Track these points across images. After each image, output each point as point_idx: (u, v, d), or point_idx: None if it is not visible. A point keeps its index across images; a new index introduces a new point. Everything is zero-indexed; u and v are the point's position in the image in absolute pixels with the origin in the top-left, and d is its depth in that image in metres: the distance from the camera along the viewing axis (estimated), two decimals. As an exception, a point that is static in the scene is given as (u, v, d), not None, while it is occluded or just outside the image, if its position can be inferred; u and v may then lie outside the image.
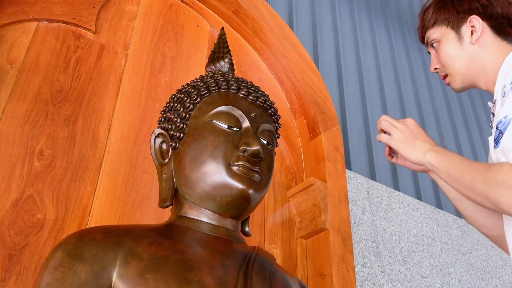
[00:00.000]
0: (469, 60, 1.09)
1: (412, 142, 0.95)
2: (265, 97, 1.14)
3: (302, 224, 1.65)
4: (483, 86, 1.11)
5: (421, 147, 0.95)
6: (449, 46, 1.11)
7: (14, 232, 1.09)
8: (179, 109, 1.08)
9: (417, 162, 0.96)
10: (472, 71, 1.11)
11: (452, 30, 1.11)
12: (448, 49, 1.11)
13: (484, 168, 0.85)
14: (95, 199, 1.24)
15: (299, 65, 1.90)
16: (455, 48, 1.11)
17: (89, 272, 0.81)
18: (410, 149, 0.95)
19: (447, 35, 1.12)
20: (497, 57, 1.06)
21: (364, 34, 2.91)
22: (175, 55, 1.65)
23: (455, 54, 1.10)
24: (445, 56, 1.12)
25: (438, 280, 2.15)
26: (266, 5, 1.95)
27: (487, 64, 1.08)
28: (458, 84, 1.15)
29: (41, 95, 1.28)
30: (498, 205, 0.80)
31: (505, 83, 0.93)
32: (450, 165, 0.90)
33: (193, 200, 1.01)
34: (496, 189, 0.80)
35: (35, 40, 1.34)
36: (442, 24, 1.13)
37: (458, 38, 1.10)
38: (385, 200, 2.20)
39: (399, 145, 0.96)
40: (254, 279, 0.91)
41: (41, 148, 1.22)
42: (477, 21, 1.08)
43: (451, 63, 1.11)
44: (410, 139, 0.95)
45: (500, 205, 0.79)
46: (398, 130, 0.97)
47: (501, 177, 0.80)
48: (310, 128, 1.85)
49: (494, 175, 0.81)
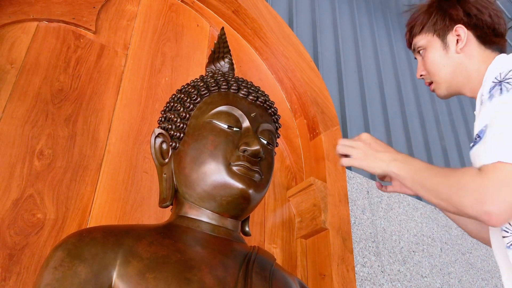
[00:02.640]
0: (454, 69, 1.11)
1: (373, 156, 0.95)
2: (265, 97, 1.14)
3: (302, 224, 1.65)
4: (468, 94, 1.13)
5: (383, 159, 0.95)
6: (435, 54, 1.13)
7: (14, 232, 1.09)
8: (179, 109, 1.08)
9: (382, 174, 0.96)
10: (457, 79, 1.12)
11: (438, 38, 1.12)
12: (434, 57, 1.13)
13: (449, 173, 0.86)
14: (95, 199, 1.24)
15: (299, 65, 1.90)
16: (441, 56, 1.12)
17: (89, 271, 0.81)
18: (373, 163, 0.95)
19: (433, 43, 1.13)
20: (482, 66, 1.07)
21: (364, 34, 2.91)
22: (175, 55, 1.66)
23: (441, 62, 1.11)
24: (430, 64, 1.13)
25: (438, 280, 2.15)
26: (266, 5, 1.95)
27: (472, 72, 1.09)
28: (443, 92, 1.16)
29: (41, 95, 1.28)
30: (461, 209, 0.80)
31: (482, 92, 0.94)
32: (414, 172, 0.90)
33: (193, 200, 1.01)
34: (460, 193, 0.80)
35: (35, 40, 1.34)
36: (429, 32, 1.14)
37: (444, 47, 1.12)
38: (385, 200, 2.20)
39: (361, 162, 0.96)
40: (254, 279, 0.91)
41: (41, 148, 1.22)
42: (462, 30, 1.09)
43: (437, 71, 1.12)
44: (370, 154, 0.96)
45: (463, 208, 0.79)
46: (356, 149, 0.97)
47: (465, 181, 0.80)
48: (310, 128, 1.85)
49: (458, 180, 0.82)
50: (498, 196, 0.74)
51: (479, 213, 0.77)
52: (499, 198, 0.74)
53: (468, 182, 0.80)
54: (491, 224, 0.77)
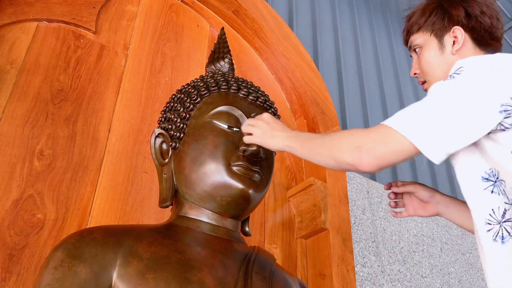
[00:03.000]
0: (447, 70, 1.11)
1: (270, 133, 1.00)
2: (265, 97, 1.14)
3: (302, 224, 1.65)
4: None
5: (279, 135, 1.00)
6: (430, 54, 1.13)
7: (14, 232, 1.09)
8: (179, 109, 1.08)
9: (279, 149, 1.01)
10: None
11: (435, 38, 1.12)
12: (429, 56, 1.13)
13: (334, 133, 0.98)
14: (95, 199, 1.24)
15: (299, 65, 1.90)
16: (436, 56, 1.12)
17: (89, 272, 0.81)
18: (270, 140, 1.00)
19: (430, 42, 1.13)
20: None
21: (364, 34, 2.91)
22: (175, 55, 1.66)
23: (436, 62, 1.12)
24: (425, 63, 1.14)
25: (438, 280, 2.15)
26: (266, 5, 1.95)
27: None
28: None
29: (41, 95, 1.28)
30: (339, 157, 0.91)
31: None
32: (303, 140, 0.98)
33: (193, 200, 1.01)
34: (342, 142, 0.92)
35: (35, 40, 1.34)
36: (426, 31, 1.14)
37: (440, 47, 1.12)
38: (385, 200, 2.20)
39: (260, 139, 1.00)
40: (254, 279, 0.91)
41: (41, 148, 1.22)
42: (460, 32, 1.09)
43: (431, 71, 1.13)
44: (268, 131, 1.00)
45: (341, 156, 0.90)
46: (255, 128, 1.01)
47: (348, 133, 0.94)
48: (310, 128, 1.85)
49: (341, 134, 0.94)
50: (373, 149, 0.87)
51: (354, 158, 0.88)
52: (373, 150, 0.87)
53: (350, 134, 0.93)
54: (361, 168, 0.88)
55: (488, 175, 0.91)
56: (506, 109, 0.83)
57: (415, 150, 0.85)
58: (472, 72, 0.89)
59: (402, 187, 1.19)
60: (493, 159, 0.88)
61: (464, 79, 0.88)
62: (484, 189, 0.91)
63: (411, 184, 1.18)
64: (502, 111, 0.83)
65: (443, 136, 0.84)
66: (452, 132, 0.85)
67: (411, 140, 0.84)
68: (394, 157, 0.87)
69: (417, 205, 1.17)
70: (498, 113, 0.84)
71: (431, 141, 0.84)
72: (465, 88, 0.86)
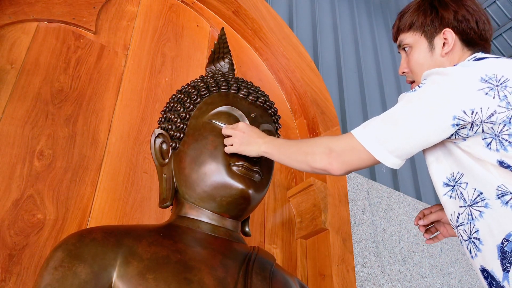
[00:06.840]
0: None
1: (247, 141, 1.03)
2: (265, 97, 1.14)
3: (302, 224, 1.65)
4: None
5: (256, 142, 1.03)
6: (419, 55, 1.13)
7: (14, 232, 1.09)
8: (179, 109, 1.08)
9: (257, 155, 1.04)
10: None
11: (426, 39, 1.12)
12: (419, 57, 1.13)
13: (308, 140, 1.05)
14: (95, 199, 1.24)
15: (299, 65, 1.90)
16: (426, 57, 1.12)
17: (89, 272, 0.81)
18: (248, 148, 1.03)
19: (420, 43, 1.13)
20: None
21: (364, 34, 2.91)
22: (175, 55, 1.66)
23: (425, 63, 1.12)
24: (414, 64, 1.14)
25: (438, 280, 2.15)
26: (266, 5, 1.95)
27: None
28: None
29: (41, 95, 1.28)
30: (311, 162, 0.98)
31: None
32: (279, 146, 1.03)
33: (193, 200, 1.01)
34: (314, 148, 0.99)
35: (35, 40, 1.34)
36: (417, 31, 1.14)
37: (430, 48, 1.12)
38: (385, 200, 2.20)
39: (239, 148, 1.03)
40: (254, 279, 0.91)
41: (41, 148, 1.22)
42: (450, 34, 1.09)
43: (420, 72, 1.13)
44: (246, 140, 1.03)
45: (314, 162, 0.98)
46: (233, 138, 1.05)
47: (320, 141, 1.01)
48: (310, 128, 1.85)
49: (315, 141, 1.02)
50: (341, 156, 0.96)
51: (325, 164, 0.96)
52: (341, 157, 0.96)
53: (322, 141, 1.00)
54: (332, 172, 0.97)
55: (448, 180, 0.96)
56: (459, 123, 0.88)
57: (374, 158, 0.93)
58: (430, 85, 0.93)
59: (427, 218, 1.19)
60: (460, 162, 0.94)
61: (423, 91, 0.93)
62: (444, 194, 0.96)
63: (435, 212, 1.17)
64: (454, 124, 0.88)
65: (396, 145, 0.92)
66: (403, 142, 0.91)
67: (369, 150, 0.93)
68: (359, 163, 0.96)
69: (449, 227, 1.17)
70: (450, 126, 0.89)
71: (385, 151, 0.92)
72: (421, 101, 0.92)
